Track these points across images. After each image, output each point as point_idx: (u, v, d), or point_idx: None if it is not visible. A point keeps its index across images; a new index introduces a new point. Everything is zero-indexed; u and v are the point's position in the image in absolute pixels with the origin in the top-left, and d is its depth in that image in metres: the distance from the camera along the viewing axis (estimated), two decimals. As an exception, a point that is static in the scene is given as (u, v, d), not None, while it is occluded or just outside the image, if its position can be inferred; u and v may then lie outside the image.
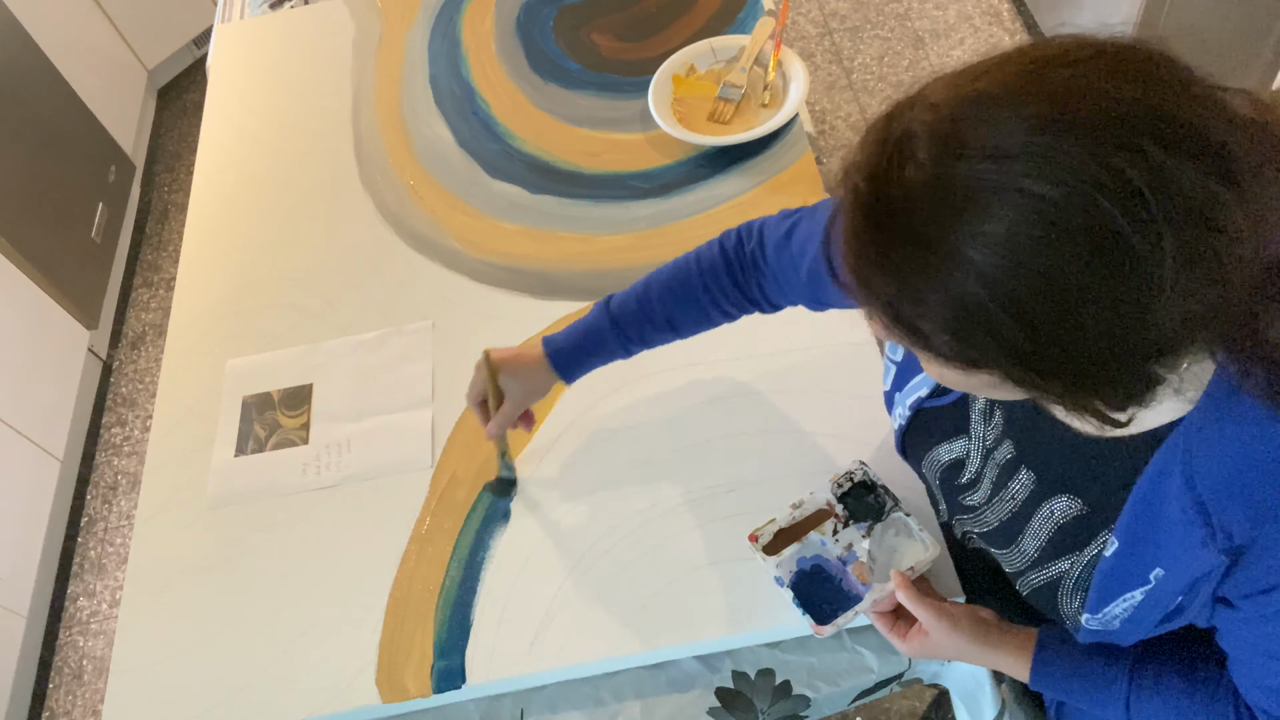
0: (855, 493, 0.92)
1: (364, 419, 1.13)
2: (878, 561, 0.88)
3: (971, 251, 0.48)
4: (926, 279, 0.51)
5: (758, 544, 0.90)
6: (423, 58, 1.53)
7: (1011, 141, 0.47)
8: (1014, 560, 0.76)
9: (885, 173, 0.51)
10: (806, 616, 0.86)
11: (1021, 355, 0.51)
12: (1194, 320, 0.49)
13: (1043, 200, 0.47)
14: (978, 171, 0.48)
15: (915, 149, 0.50)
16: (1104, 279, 0.47)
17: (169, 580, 1.05)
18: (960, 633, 0.78)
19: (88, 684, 1.95)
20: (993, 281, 0.49)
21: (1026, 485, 0.73)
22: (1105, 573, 0.67)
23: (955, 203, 0.49)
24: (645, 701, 0.92)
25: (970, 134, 0.49)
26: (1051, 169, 0.46)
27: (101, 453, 2.28)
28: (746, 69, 1.34)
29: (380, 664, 0.95)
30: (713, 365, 1.09)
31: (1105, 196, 0.46)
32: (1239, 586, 0.60)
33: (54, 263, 2.17)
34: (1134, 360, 0.51)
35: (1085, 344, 0.49)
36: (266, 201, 1.39)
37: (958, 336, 0.52)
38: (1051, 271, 0.47)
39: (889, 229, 0.52)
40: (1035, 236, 0.47)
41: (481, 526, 1.02)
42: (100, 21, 2.62)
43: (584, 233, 1.25)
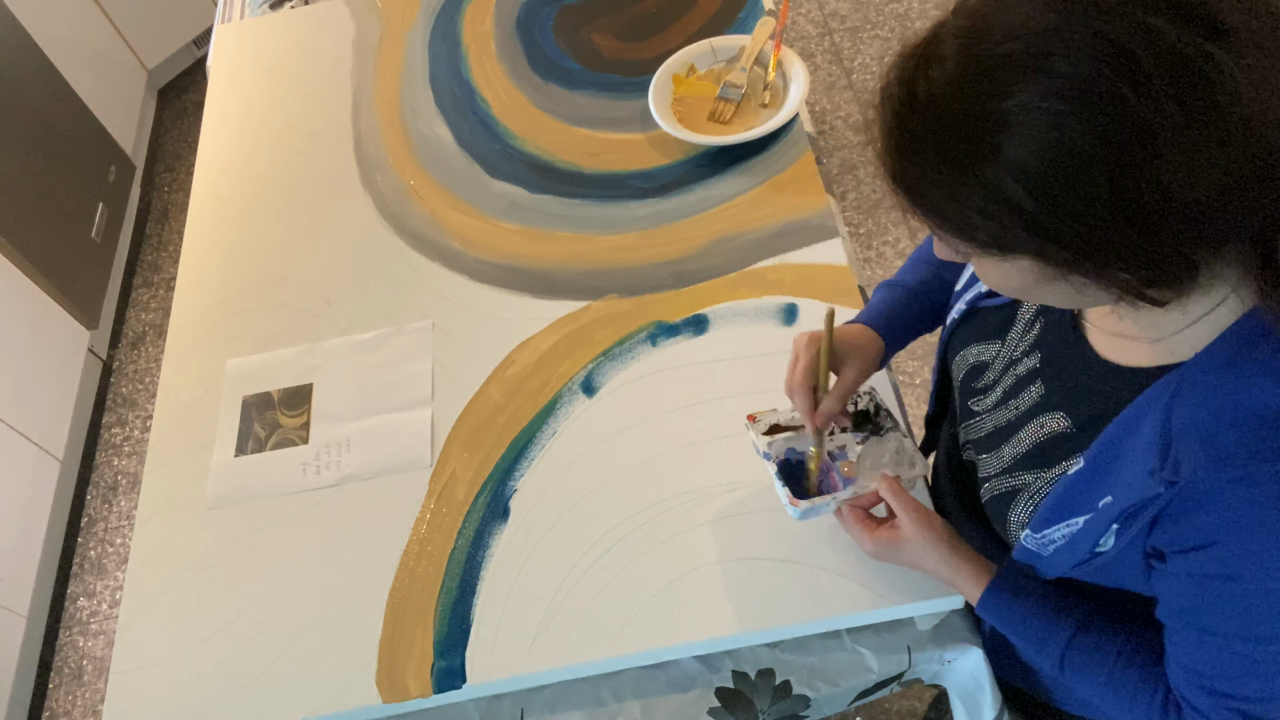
0: (859, 415, 0.93)
1: (364, 418, 1.13)
2: (864, 465, 0.89)
3: (992, 134, 0.52)
4: (955, 165, 0.54)
5: (755, 424, 0.91)
6: (423, 58, 1.53)
7: (1016, 26, 0.51)
8: (989, 465, 0.79)
9: (914, 73, 0.56)
10: (785, 489, 0.85)
11: (1047, 231, 0.54)
12: (1213, 191, 0.50)
13: (1052, 75, 0.50)
14: (994, 56, 0.52)
15: (942, 49, 0.55)
16: (1112, 144, 0.50)
17: (169, 580, 1.05)
18: (932, 533, 0.79)
19: (88, 684, 1.95)
20: (1013, 159, 0.52)
21: (1034, 396, 0.75)
22: (1060, 493, 0.69)
23: (976, 88, 0.53)
24: (645, 701, 0.92)
25: (984, 26, 0.53)
26: (1052, 45, 0.50)
27: (101, 453, 2.28)
28: (746, 69, 1.34)
29: (380, 664, 0.95)
30: (713, 365, 1.09)
31: (1106, 65, 0.49)
32: (1174, 537, 0.61)
33: (54, 263, 2.17)
34: (1158, 231, 0.52)
35: (1105, 213, 0.51)
36: (266, 201, 1.39)
37: (987, 217, 0.55)
38: (1064, 142, 0.50)
39: (918, 123, 0.56)
40: (1047, 110, 0.50)
41: (481, 526, 1.02)
42: (100, 21, 2.62)
43: (584, 233, 1.25)
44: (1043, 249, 0.55)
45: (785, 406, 0.93)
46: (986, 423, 0.81)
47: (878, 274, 2.18)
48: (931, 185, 0.56)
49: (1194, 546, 0.60)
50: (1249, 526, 0.57)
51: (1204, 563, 0.60)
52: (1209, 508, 0.58)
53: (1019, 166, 0.52)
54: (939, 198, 0.57)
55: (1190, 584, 0.62)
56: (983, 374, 0.82)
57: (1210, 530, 0.58)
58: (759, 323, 1.11)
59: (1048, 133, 0.50)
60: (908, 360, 2.05)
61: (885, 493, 0.82)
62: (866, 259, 2.22)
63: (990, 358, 0.82)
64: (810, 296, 1.11)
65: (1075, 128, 0.50)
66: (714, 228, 1.21)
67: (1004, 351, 0.80)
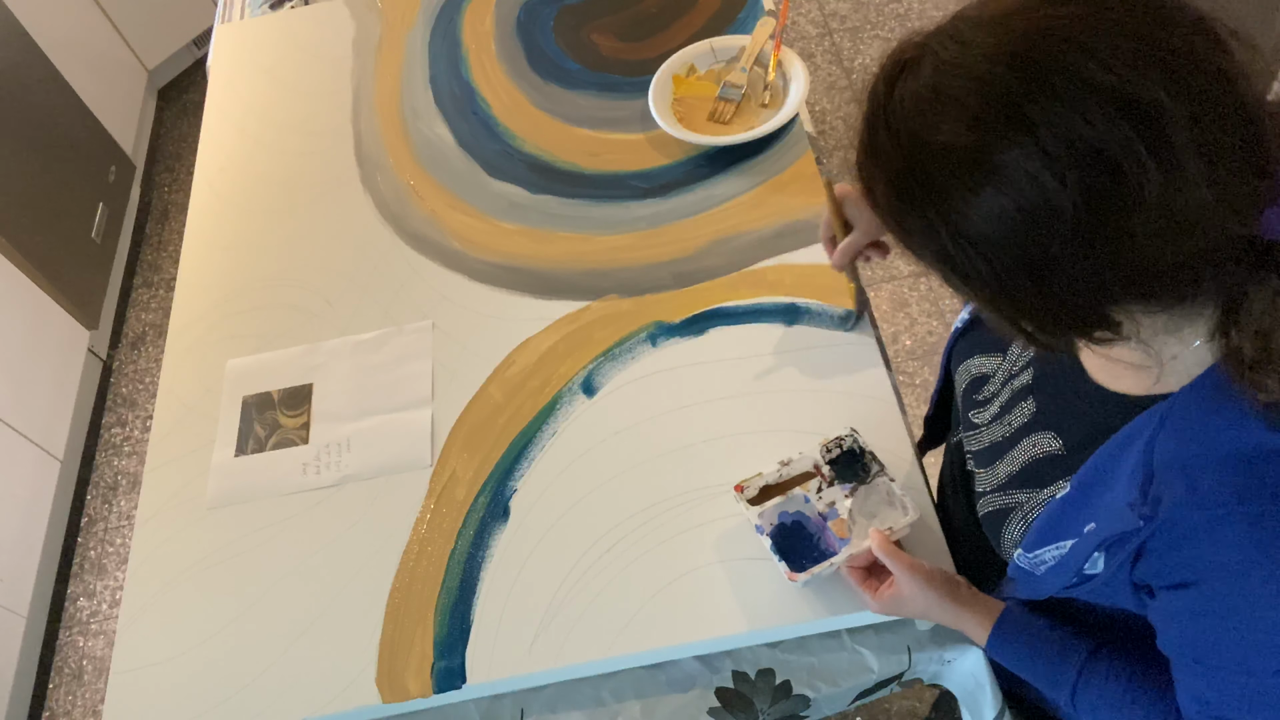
0: (843, 459, 0.94)
1: (364, 418, 1.13)
2: (857, 522, 0.90)
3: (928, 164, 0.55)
4: (897, 183, 0.57)
5: (743, 494, 0.92)
6: (423, 58, 1.53)
7: (979, 76, 0.53)
8: (985, 480, 0.80)
9: (894, 76, 0.58)
10: (782, 563, 0.87)
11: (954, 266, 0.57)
12: (1116, 267, 0.52)
13: (990, 135, 0.52)
14: (951, 96, 0.54)
15: (922, 62, 0.56)
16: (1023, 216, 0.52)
17: (169, 580, 1.05)
18: (932, 589, 0.80)
19: (88, 684, 1.95)
20: (942, 195, 0.55)
21: (1025, 414, 0.76)
22: (1049, 516, 0.69)
23: (930, 120, 0.54)
24: (645, 701, 0.92)
25: (957, 61, 0.54)
26: (999, 112, 0.52)
27: (101, 453, 2.28)
28: (746, 69, 1.34)
29: (380, 664, 0.95)
30: (714, 365, 1.09)
31: (1034, 142, 0.51)
32: (1158, 573, 0.61)
33: (54, 263, 2.17)
34: (1057, 294, 0.55)
35: (1005, 265, 0.54)
36: (266, 201, 1.39)
37: (910, 232, 0.58)
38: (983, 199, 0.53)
39: (881, 130, 0.58)
40: (979, 164, 0.53)
41: (481, 526, 1.02)
42: (100, 21, 2.62)
43: (584, 233, 1.25)
44: (948, 278, 0.58)
45: (770, 469, 0.93)
46: (984, 436, 0.81)
47: (878, 273, 2.18)
48: (880, 189, 0.59)
49: (1178, 583, 0.60)
50: (1231, 567, 0.57)
51: (1190, 600, 0.60)
52: (1189, 545, 0.58)
53: (947, 205, 0.54)
54: (884, 202, 0.60)
55: (1181, 620, 0.62)
56: (983, 386, 0.83)
57: (1192, 568, 0.59)
58: (759, 323, 1.11)
59: (976, 186, 0.53)
60: (908, 360, 2.05)
61: (878, 552, 0.83)
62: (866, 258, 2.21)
63: (991, 370, 0.82)
64: (810, 296, 1.11)
65: (999, 190, 0.52)
66: (714, 228, 1.21)
67: (1004, 365, 0.81)
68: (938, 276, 0.60)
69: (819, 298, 1.11)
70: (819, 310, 1.10)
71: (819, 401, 1.03)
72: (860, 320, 1.08)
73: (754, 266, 1.16)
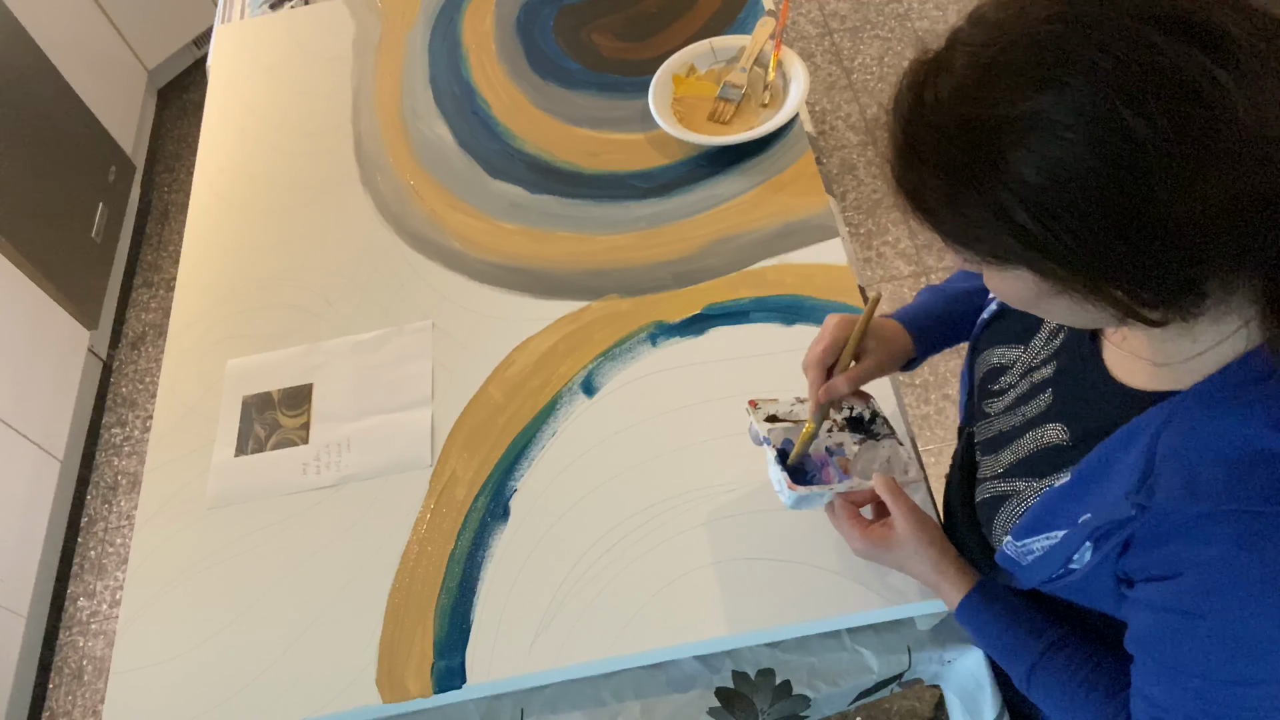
0: (857, 418, 0.93)
1: (364, 418, 1.13)
2: (859, 465, 0.89)
3: (992, 143, 0.52)
4: (954, 172, 0.54)
5: (756, 409, 0.91)
6: (423, 58, 1.53)
7: (1028, 36, 0.51)
8: (988, 468, 0.79)
9: (924, 79, 0.56)
10: (784, 473, 0.84)
11: (1040, 245, 0.53)
12: (1210, 208, 0.50)
13: (1053, 89, 0.50)
14: (998, 65, 0.52)
15: (953, 57, 0.55)
16: (1108, 161, 0.49)
17: (169, 580, 1.05)
18: (925, 535, 0.80)
19: (88, 684, 1.95)
20: (1010, 170, 0.52)
21: (1042, 405, 0.75)
22: (1045, 503, 0.69)
23: (979, 95, 0.52)
24: (645, 701, 0.92)
25: (993, 35, 0.53)
26: (1053, 57, 0.50)
27: (101, 453, 2.28)
28: (746, 69, 1.34)
29: (380, 664, 0.95)
30: (714, 365, 1.09)
31: (1104, 82, 0.49)
32: (1142, 564, 0.61)
33: (54, 263, 2.17)
34: (1151, 249, 0.51)
35: (1098, 229, 0.51)
36: (266, 201, 1.39)
37: (983, 227, 0.55)
38: (1061, 157, 0.50)
39: (922, 130, 0.55)
40: (1046, 123, 0.50)
41: (481, 526, 1.02)
42: (100, 21, 2.62)
43: (584, 233, 1.25)
44: (1036, 263, 0.55)
45: (787, 399, 0.92)
46: (995, 424, 0.81)
47: (878, 274, 2.18)
48: (931, 192, 0.56)
49: (1160, 576, 0.60)
50: (1215, 564, 0.56)
51: (1168, 594, 0.60)
52: (1178, 539, 0.58)
53: (1016, 178, 0.51)
54: (938, 204, 0.57)
55: (1155, 616, 0.62)
56: (1000, 377, 0.83)
57: (1177, 561, 0.58)
58: (759, 323, 1.11)
59: (1046, 146, 0.50)
60: (908, 360, 2.05)
61: (882, 491, 0.82)
62: (867, 259, 2.22)
63: (1010, 361, 0.82)
64: (811, 295, 1.11)
65: (1072, 143, 0.50)
66: (714, 228, 1.21)
67: (1024, 357, 0.80)
68: (1021, 271, 0.56)
69: (819, 297, 1.11)
70: (819, 310, 1.10)
71: (819, 401, 1.03)
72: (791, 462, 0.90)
73: (754, 266, 1.16)
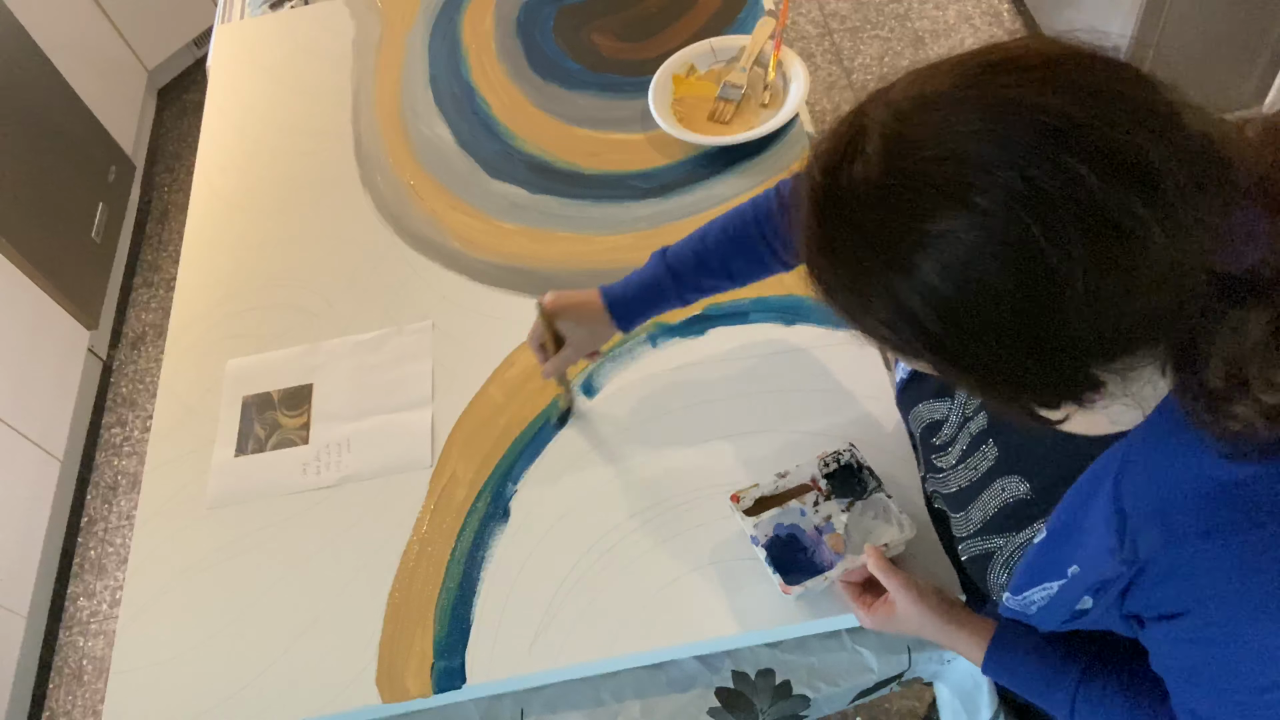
0: (840, 474, 0.94)
1: (364, 419, 1.13)
2: (853, 537, 0.90)
3: (908, 253, 0.51)
4: (866, 274, 0.54)
5: (738, 505, 0.92)
6: (423, 58, 1.53)
7: (943, 149, 0.50)
8: (961, 526, 0.79)
9: (837, 166, 0.54)
10: (776, 575, 0.87)
11: (946, 352, 0.54)
12: (1118, 326, 0.51)
13: (972, 209, 0.49)
14: (918, 175, 0.50)
15: (865, 145, 0.53)
16: (1021, 283, 0.49)
17: (169, 580, 1.05)
18: (926, 605, 0.80)
19: (88, 684, 1.95)
20: (924, 281, 0.51)
21: (989, 458, 0.76)
22: (1030, 560, 0.69)
23: (897, 203, 0.51)
24: (645, 701, 0.92)
25: (911, 137, 0.51)
26: (976, 177, 0.49)
27: (101, 453, 2.28)
28: (746, 69, 1.34)
29: (380, 664, 0.95)
30: (714, 365, 1.09)
31: (1021, 207, 0.48)
32: (1146, 605, 0.62)
33: (54, 263, 2.17)
34: (1055, 361, 0.53)
35: (1006, 343, 0.52)
36: (266, 201, 1.39)
37: (891, 328, 0.55)
38: (976, 275, 0.50)
39: (834, 221, 0.55)
40: (963, 241, 0.49)
41: (481, 526, 1.02)
42: (100, 21, 2.62)
43: (584, 233, 1.25)
44: (940, 366, 0.56)
45: (767, 481, 0.93)
46: (951, 481, 0.81)
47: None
48: (843, 288, 0.56)
49: (1167, 614, 0.60)
50: (1214, 598, 0.57)
51: (1180, 629, 0.60)
52: (1173, 581, 0.59)
53: (930, 288, 0.51)
54: (848, 299, 0.57)
55: (1173, 646, 0.62)
56: (939, 430, 0.82)
57: (1179, 600, 0.59)
58: (759, 323, 1.11)
59: (961, 263, 0.50)
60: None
61: (873, 569, 0.83)
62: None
63: (943, 415, 0.82)
64: (810, 296, 1.11)
65: (988, 263, 0.49)
66: (714, 228, 1.21)
67: (955, 408, 0.80)
68: (926, 367, 0.57)
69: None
70: (819, 310, 1.10)
71: (818, 401, 1.03)
72: (565, 422, 1.07)
73: (754, 266, 1.16)
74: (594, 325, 0.98)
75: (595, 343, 1.00)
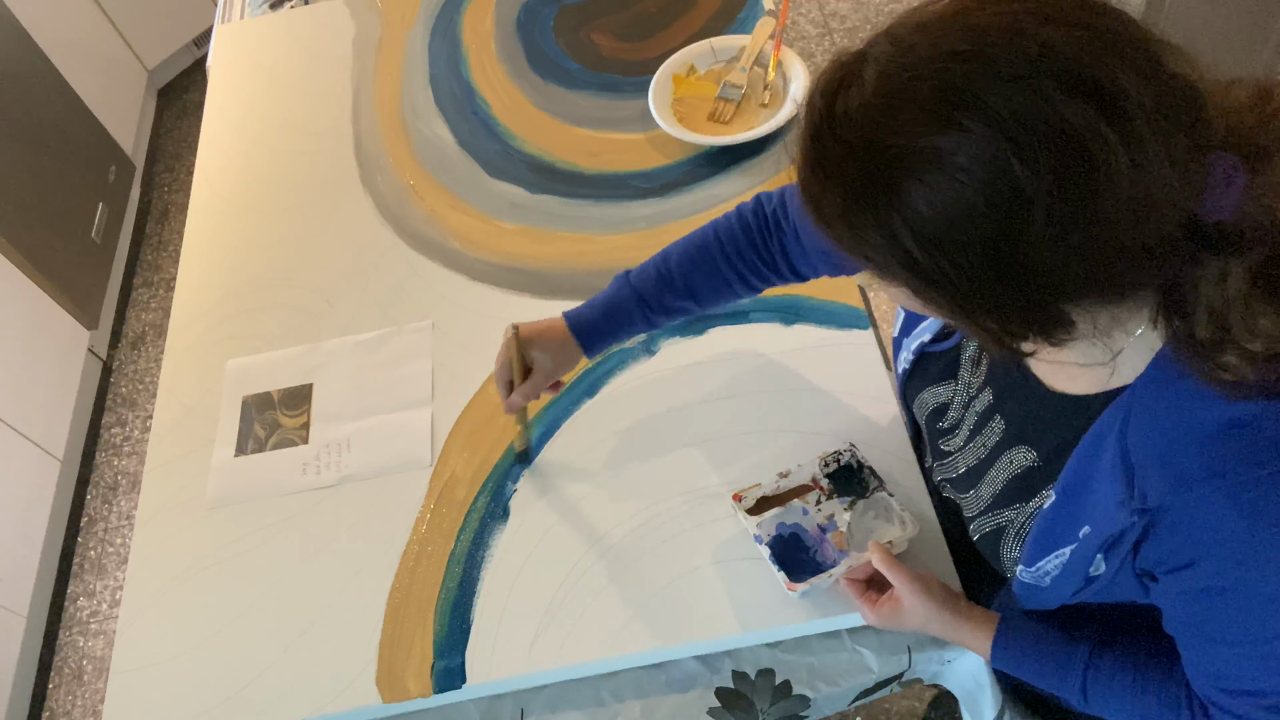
0: (841, 473, 0.94)
1: (364, 418, 1.13)
2: (856, 536, 0.90)
3: (891, 171, 0.53)
4: (854, 192, 0.55)
5: (740, 504, 0.93)
6: (423, 58, 1.53)
7: (931, 70, 0.52)
8: (971, 505, 0.80)
9: (835, 91, 0.56)
10: (781, 573, 0.88)
11: (922, 272, 0.55)
12: (1085, 258, 0.52)
13: (953, 129, 0.51)
14: (905, 96, 0.52)
15: (864, 71, 0.55)
16: (994, 206, 0.51)
17: (169, 580, 1.05)
18: (931, 600, 0.81)
19: (88, 684, 1.95)
20: (905, 201, 0.53)
21: (996, 432, 0.76)
22: (1041, 527, 0.70)
23: (883, 122, 0.53)
24: (645, 701, 0.92)
25: (904, 61, 0.53)
26: (960, 97, 0.51)
27: (101, 453, 2.28)
28: (746, 69, 1.34)
29: (380, 664, 0.95)
30: (714, 365, 1.09)
31: (998, 127, 0.50)
32: (1157, 558, 0.62)
33: (54, 263, 2.17)
34: (1023, 288, 0.54)
35: (978, 266, 0.53)
36: (266, 201, 1.39)
37: (871, 246, 0.56)
38: (953, 196, 0.52)
39: (827, 140, 0.56)
40: (943, 163, 0.51)
41: (481, 526, 1.02)
42: (100, 21, 2.62)
43: (584, 233, 1.25)
44: (917, 287, 0.57)
45: (769, 480, 0.94)
46: (959, 462, 0.82)
47: (878, 274, 2.18)
48: (830, 205, 0.57)
49: (1179, 566, 0.61)
50: (1224, 540, 0.58)
51: (1192, 579, 0.61)
52: (1183, 528, 0.59)
53: (909, 207, 0.53)
54: (835, 217, 0.58)
55: (1186, 600, 0.63)
56: (945, 414, 0.83)
57: (1189, 549, 0.60)
58: (759, 323, 1.11)
59: (939, 183, 0.52)
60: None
61: (878, 564, 0.83)
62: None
63: (948, 398, 0.83)
64: (810, 295, 1.11)
65: (964, 185, 0.51)
66: (714, 228, 1.21)
67: (959, 391, 0.81)
68: (901, 289, 0.59)
69: (818, 296, 1.11)
70: (819, 310, 1.10)
71: (818, 401, 1.03)
72: (527, 462, 1.05)
73: (754, 266, 1.16)
74: (560, 352, 0.96)
75: (560, 370, 0.98)
